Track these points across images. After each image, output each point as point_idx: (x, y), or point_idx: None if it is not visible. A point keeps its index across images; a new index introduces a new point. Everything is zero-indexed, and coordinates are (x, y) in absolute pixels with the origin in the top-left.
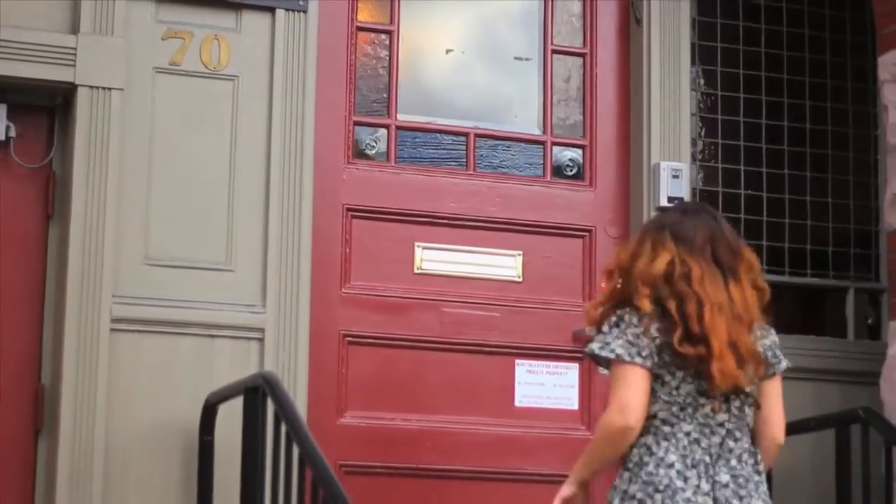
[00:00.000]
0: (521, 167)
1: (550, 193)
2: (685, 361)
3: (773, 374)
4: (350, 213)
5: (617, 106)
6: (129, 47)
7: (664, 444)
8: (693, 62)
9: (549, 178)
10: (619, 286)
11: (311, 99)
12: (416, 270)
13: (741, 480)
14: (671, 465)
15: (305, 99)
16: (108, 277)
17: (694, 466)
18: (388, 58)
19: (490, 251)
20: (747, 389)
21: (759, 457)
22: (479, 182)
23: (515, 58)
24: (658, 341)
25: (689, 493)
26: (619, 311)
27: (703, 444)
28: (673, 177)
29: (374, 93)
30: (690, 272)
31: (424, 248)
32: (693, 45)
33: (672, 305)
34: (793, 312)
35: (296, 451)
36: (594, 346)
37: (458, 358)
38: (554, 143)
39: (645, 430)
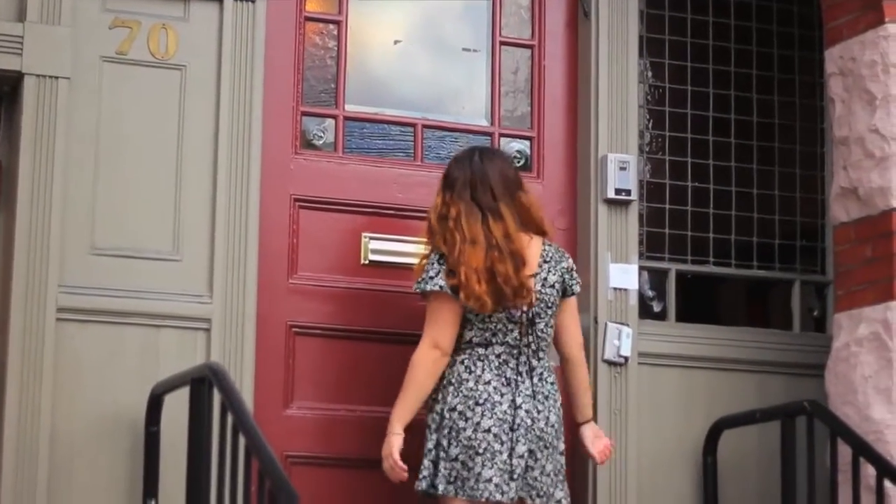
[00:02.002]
0: None
1: None
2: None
3: (571, 294)
4: (297, 204)
5: (565, 98)
6: (76, 36)
7: (480, 364)
8: (641, 55)
9: None
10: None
11: (259, 89)
12: (362, 261)
13: (540, 397)
14: (488, 382)
15: (253, 89)
16: (54, 267)
17: (507, 384)
18: (336, 48)
19: None
20: (531, 309)
21: (555, 376)
22: (427, 173)
23: (464, 49)
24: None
25: (504, 407)
26: (433, 255)
27: (512, 364)
28: (620, 169)
29: (321, 83)
30: (448, 212)
31: (371, 238)
32: (641, 37)
33: (440, 243)
34: (739, 304)
35: (242, 441)
36: (421, 285)
37: (404, 349)
38: (502, 135)
39: (462, 352)
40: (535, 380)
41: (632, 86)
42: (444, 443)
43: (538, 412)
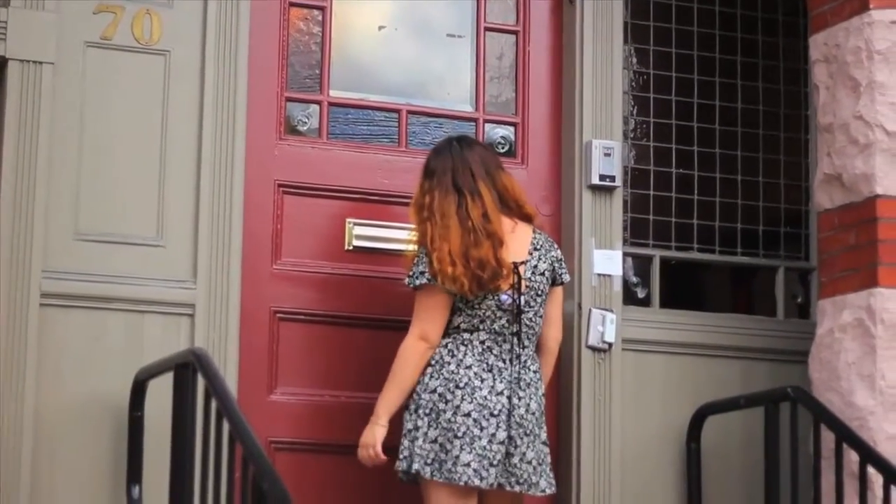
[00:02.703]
0: None
1: None
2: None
3: (561, 283)
4: (281, 189)
5: (549, 84)
6: (60, 21)
7: (463, 348)
8: (626, 41)
9: None
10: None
11: (244, 74)
12: (347, 247)
13: (522, 384)
14: (469, 367)
15: (238, 74)
16: (37, 252)
17: (489, 370)
18: (320, 34)
19: None
20: (512, 292)
21: (539, 364)
22: (412, 159)
23: (448, 35)
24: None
25: (485, 392)
26: (421, 248)
27: (496, 351)
28: (605, 155)
29: (306, 69)
30: (424, 200)
31: (356, 224)
32: (626, 23)
33: (421, 230)
34: (723, 291)
35: (226, 427)
36: (412, 279)
37: (389, 335)
38: (486, 121)
39: (447, 336)
40: (519, 367)
41: (616, 72)
42: (424, 424)
43: (519, 399)
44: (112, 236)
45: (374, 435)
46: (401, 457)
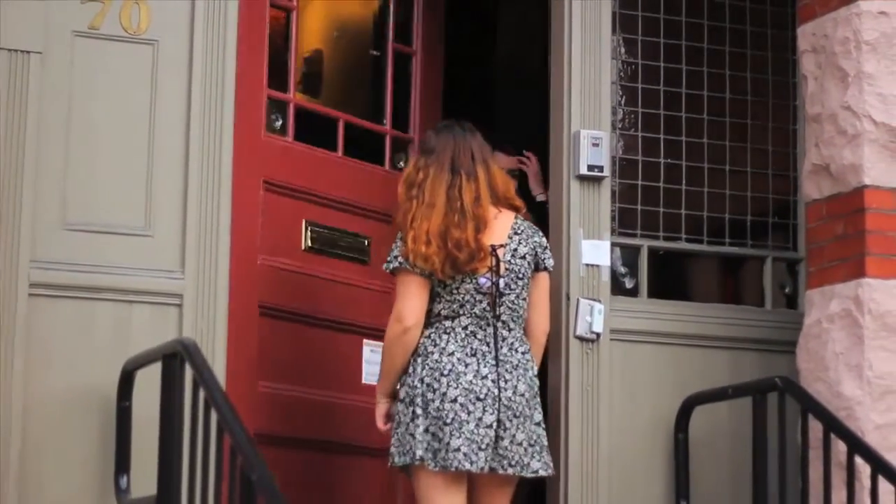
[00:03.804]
0: None
1: None
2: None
3: (544, 269)
4: (265, 184)
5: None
6: (48, 10)
7: (445, 336)
8: (614, 30)
9: None
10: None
11: (232, 64)
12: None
13: (508, 367)
14: (452, 354)
15: (226, 64)
16: (26, 242)
17: (473, 355)
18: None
19: None
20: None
21: (528, 346)
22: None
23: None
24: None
25: (470, 377)
26: (399, 234)
27: (480, 335)
28: (593, 145)
29: (283, 67)
30: (417, 177)
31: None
32: (614, 13)
33: (400, 215)
34: (711, 281)
35: (214, 417)
36: (388, 264)
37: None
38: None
39: (430, 325)
40: (505, 350)
41: (605, 62)
42: (416, 414)
43: (505, 382)
44: (100, 226)
45: (377, 412)
46: (393, 449)
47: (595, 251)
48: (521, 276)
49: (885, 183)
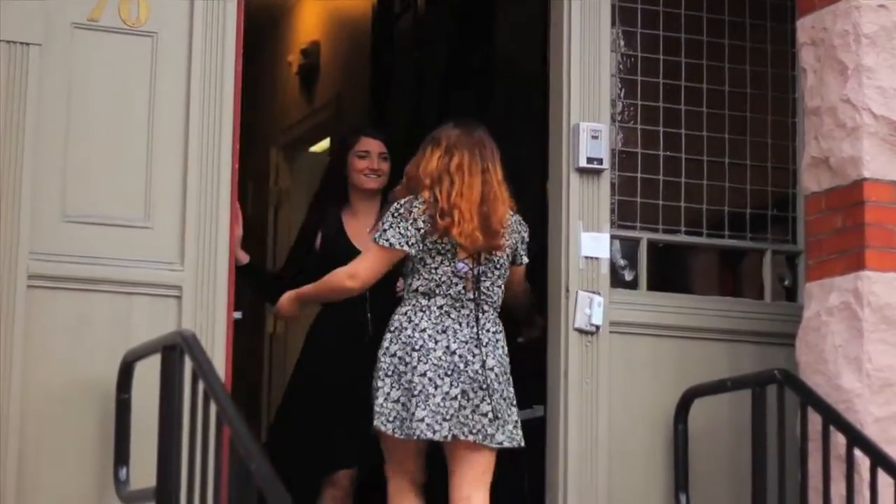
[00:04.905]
0: None
1: None
2: (443, 244)
3: (520, 264)
4: None
5: None
6: (47, 2)
7: (420, 314)
8: (613, 23)
9: None
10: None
11: (231, 56)
12: None
13: (479, 345)
14: (424, 330)
15: (225, 55)
16: (25, 234)
17: (444, 332)
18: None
19: None
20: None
21: (500, 327)
22: None
23: None
24: (422, 231)
25: (439, 353)
26: (398, 203)
27: (454, 315)
28: (592, 137)
29: None
30: (451, 161)
31: None
32: (613, 6)
33: (436, 191)
34: (710, 274)
35: (213, 409)
36: (374, 235)
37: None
38: None
39: (406, 302)
40: (477, 329)
41: (604, 55)
42: (386, 385)
43: (473, 356)
44: (99, 218)
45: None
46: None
47: (594, 244)
48: (498, 266)
49: (884, 176)
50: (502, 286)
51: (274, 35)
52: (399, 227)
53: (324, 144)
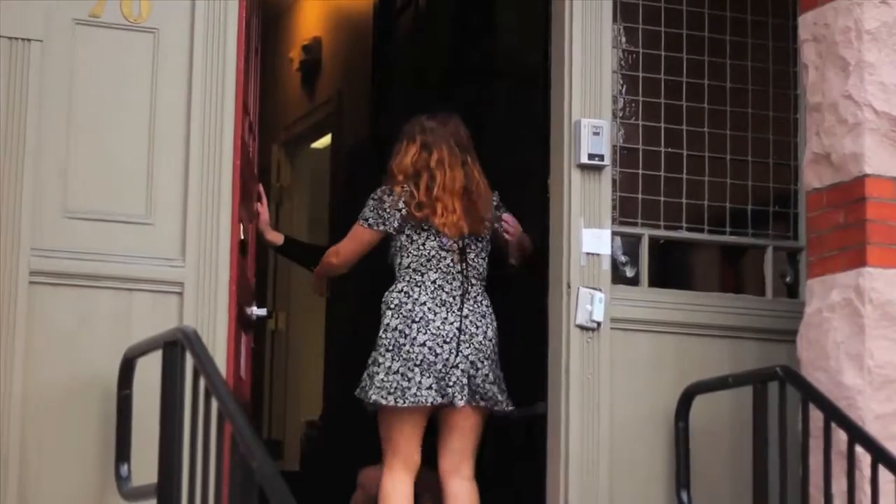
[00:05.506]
0: None
1: None
2: (424, 224)
3: (498, 218)
4: None
5: None
6: None
7: (417, 289)
8: (615, 19)
9: None
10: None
11: (233, 52)
12: None
13: (475, 316)
14: (423, 303)
15: (227, 52)
16: (26, 230)
17: (442, 305)
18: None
19: None
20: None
21: (489, 301)
22: None
23: None
24: (404, 212)
25: (438, 323)
26: (378, 190)
27: (447, 288)
28: (594, 134)
29: None
30: (430, 156)
31: None
32: (615, 2)
33: (411, 185)
34: (711, 270)
35: (214, 405)
36: (363, 221)
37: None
38: None
39: (401, 279)
40: (471, 303)
41: (605, 51)
42: (387, 359)
43: (476, 328)
44: (101, 214)
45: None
46: (361, 386)
47: (596, 240)
48: (480, 239)
49: (885, 172)
50: (486, 259)
51: (275, 31)
52: (377, 210)
53: (325, 141)
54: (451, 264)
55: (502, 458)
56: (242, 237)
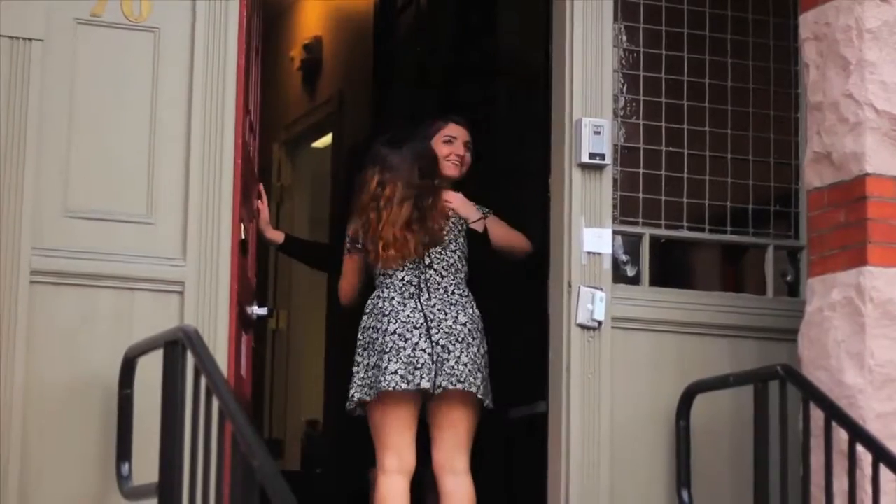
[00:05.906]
0: None
1: None
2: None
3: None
4: None
5: None
6: None
7: (388, 289)
8: (616, 18)
9: None
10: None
11: (234, 51)
12: None
13: (443, 305)
14: (392, 298)
15: (227, 51)
16: (27, 229)
17: (410, 297)
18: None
19: None
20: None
21: (468, 291)
22: None
23: None
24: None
25: (407, 312)
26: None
27: (415, 283)
28: (594, 133)
29: None
30: (383, 192)
31: None
32: (616, 1)
33: (363, 219)
34: (712, 269)
35: (215, 404)
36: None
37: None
38: None
39: (377, 286)
40: (440, 292)
41: (606, 50)
42: (364, 358)
43: (445, 314)
44: (102, 213)
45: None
46: (349, 397)
47: (596, 239)
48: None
49: (886, 171)
50: (457, 251)
51: (276, 30)
52: (349, 238)
53: (326, 140)
54: (418, 261)
55: (502, 458)
56: (243, 236)
